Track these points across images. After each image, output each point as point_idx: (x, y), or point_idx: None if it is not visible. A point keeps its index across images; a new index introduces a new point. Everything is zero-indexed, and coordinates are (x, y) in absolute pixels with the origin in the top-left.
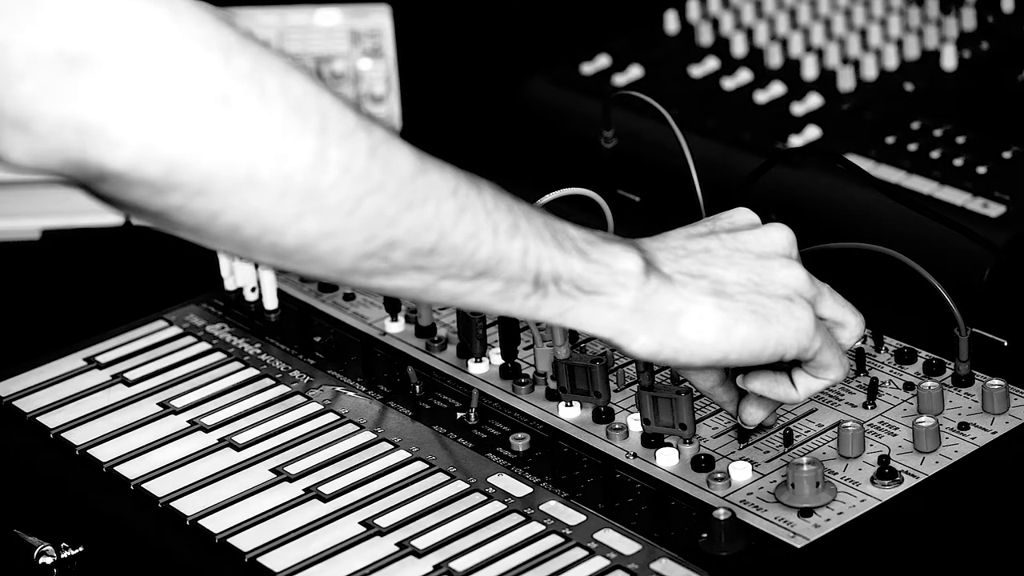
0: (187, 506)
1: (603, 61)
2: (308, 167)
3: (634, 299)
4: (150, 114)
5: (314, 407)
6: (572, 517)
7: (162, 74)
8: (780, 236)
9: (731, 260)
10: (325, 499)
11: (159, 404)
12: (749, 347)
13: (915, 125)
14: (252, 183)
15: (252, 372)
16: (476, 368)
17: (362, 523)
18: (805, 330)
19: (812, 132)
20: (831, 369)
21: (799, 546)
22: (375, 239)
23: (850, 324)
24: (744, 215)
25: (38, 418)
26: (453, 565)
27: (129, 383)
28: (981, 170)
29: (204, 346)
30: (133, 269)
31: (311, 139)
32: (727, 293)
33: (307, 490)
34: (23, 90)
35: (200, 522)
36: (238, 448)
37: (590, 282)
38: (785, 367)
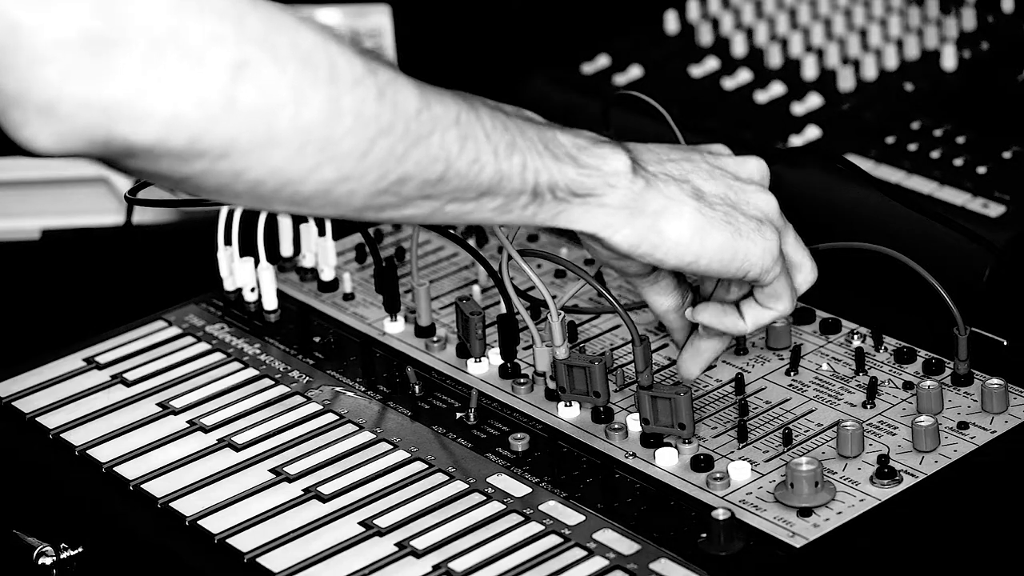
0: (186, 506)
1: (603, 61)
2: (324, 119)
3: (622, 197)
4: (172, 88)
5: (313, 407)
6: (571, 517)
7: (181, 48)
8: (758, 166)
9: (711, 174)
10: (324, 499)
11: (158, 404)
12: (720, 256)
13: (915, 125)
14: (272, 141)
15: (251, 372)
16: (475, 368)
17: (361, 523)
18: (771, 251)
19: (812, 132)
20: (782, 300)
21: (798, 546)
22: (387, 177)
23: (805, 268)
24: (721, 148)
25: (38, 418)
26: (452, 565)
27: (128, 383)
28: (981, 170)
29: (203, 346)
30: (133, 269)
31: (324, 91)
32: (706, 201)
33: (306, 490)
34: (49, 74)
35: (199, 522)
36: (237, 448)
37: (583, 185)
38: (734, 301)
